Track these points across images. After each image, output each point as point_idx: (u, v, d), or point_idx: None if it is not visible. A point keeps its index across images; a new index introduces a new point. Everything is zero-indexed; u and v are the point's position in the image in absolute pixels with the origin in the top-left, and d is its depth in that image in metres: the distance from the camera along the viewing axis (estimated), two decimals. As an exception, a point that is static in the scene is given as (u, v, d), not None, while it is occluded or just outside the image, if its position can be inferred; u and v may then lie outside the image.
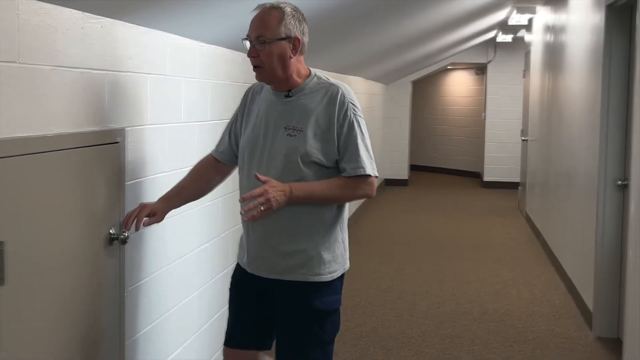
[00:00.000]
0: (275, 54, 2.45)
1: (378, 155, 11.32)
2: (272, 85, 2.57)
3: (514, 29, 10.29)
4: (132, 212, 2.57)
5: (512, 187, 11.54)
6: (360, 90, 8.97)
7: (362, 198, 2.61)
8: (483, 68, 13.27)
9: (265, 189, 2.39)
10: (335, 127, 2.50)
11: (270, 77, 2.50)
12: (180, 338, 3.27)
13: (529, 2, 8.00)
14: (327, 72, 6.48)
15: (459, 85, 14.55)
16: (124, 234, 2.54)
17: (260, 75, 2.52)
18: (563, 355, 4.47)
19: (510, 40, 11.27)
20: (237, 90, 3.67)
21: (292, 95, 2.54)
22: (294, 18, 2.49)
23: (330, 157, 2.51)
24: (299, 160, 2.48)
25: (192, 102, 3.28)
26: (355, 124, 2.52)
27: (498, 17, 8.75)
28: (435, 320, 5.06)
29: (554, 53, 7.28)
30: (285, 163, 2.49)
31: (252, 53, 2.48)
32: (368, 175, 2.54)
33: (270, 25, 2.44)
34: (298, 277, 2.54)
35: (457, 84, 14.60)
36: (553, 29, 7.43)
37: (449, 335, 4.76)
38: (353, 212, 8.87)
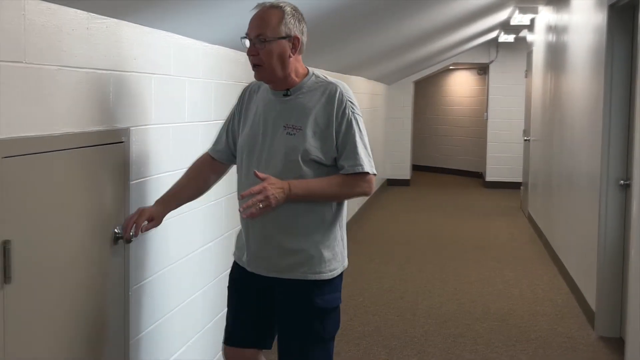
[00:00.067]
0: (275, 53, 2.46)
1: (380, 156, 11.34)
2: (270, 84, 2.57)
3: (516, 29, 10.30)
4: (130, 217, 2.55)
5: (514, 187, 11.54)
6: (362, 91, 8.98)
7: (360, 196, 2.62)
8: (485, 68, 13.27)
9: (264, 187, 2.40)
10: (334, 125, 2.51)
11: (270, 76, 2.51)
12: (184, 337, 3.28)
13: (531, 2, 8.01)
14: (329, 72, 6.49)
15: (461, 86, 14.56)
16: (131, 234, 2.55)
17: (260, 74, 2.53)
18: (565, 355, 4.48)
19: (513, 41, 11.27)
20: (240, 90, 3.67)
21: (290, 94, 2.55)
22: (294, 17, 2.50)
23: (329, 155, 2.52)
24: (299, 159, 2.49)
25: (195, 102, 3.29)
26: (354, 122, 2.53)
27: (500, 17, 8.76)
28: (438, 320, 5.07)
29: (556, 53, 7.29)
30: (285, 162, 2.50)
31: (251, 51, 2.49)
32: (366, 173, 2.55)
33: (271, 24, 2.45)
34: (299, 275, 2.55)
35: (459, 84, 14.61)
36: (555, 29, 7.43)
37: (452, 335, 4.77)
38: (355, 212, 8.88)
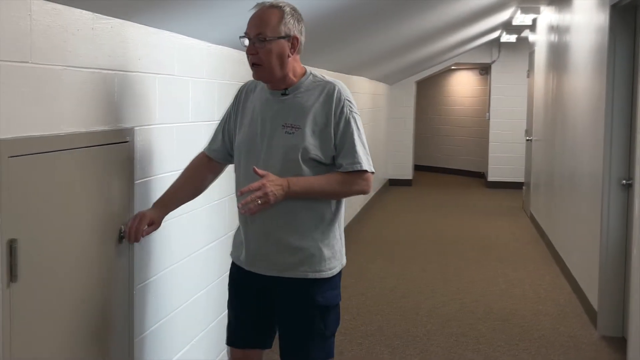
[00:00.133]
0: (275, 52, 2.47)
1: (382, 156, 11.35)
2: (268, 84, 2.58)
3: (518, 29, 10.31)
4: (132, 223, 2.56)
5: (516, 187, 11.55)
6: (364, 91, 8.99)
7: (358, 194, 2.62)
8: (487, 68, 13.27)
9: (263, 183, 2.42)
10: (332, 123, 2.52)
11: (269, 75, 2.52)
12: (188, 336, 3.29)
13: (533, 2, 8.01)
14: (331, 72, 6.50)
15: (463, 86, 14.56)
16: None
17: (258, 74, 2.53)
18: (568, 354, 4.49)
19: (515, 41, 11.28)
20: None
21: (288, 94, 2.56)
22: (293, 17, 2.51)
23: (328, 153, 2.54)
24: (299, 158, 2.50)
25: (199, 101, 3.31)
26: (352, 121, 2.55)
27: (502, 17, 8.77)
28: (441, 319, 5.08)
29: (558, 53, 7.29)
30: (285, 160, 2.51)
31: (250, 50, 2.49)
32: (365, 171, 2.56)
33: (271, 24, 2.46)
34: (299, 274, 2.56)
35: (461, 84, 14.61)
36: (557, 29, 7.44)
37: (454, 334, 4.78)
38: (357, 212, 8.89)
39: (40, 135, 2.07)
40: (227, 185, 3.22)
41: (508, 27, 10.06)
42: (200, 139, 3.29)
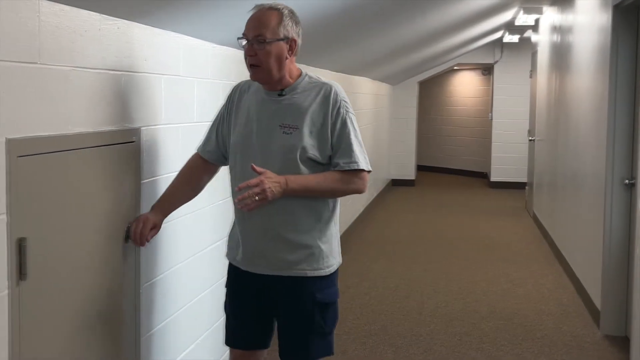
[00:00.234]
0: (274, 54, 2.50)
1: (385, 156, 11.36)
2: (265, 85, 2.60)
3: (521, 30, 10.31)
4: (135, 228, 2.56)
5: (519, 187, 11.56)
6: (367, 91, 9.01)
7: (353, 192, 2.64)
8: (490, 68, 13.29)
9: (261, 180, 2.44)
10: (329, 124, 2.55)
11: (267, 76, 2.54)
12: (194, 335, 3.31)
13: (536, 2, 8.02)
14: (334, 72, 6.52)
15: (466, 86, 14.57)
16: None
17: (256, 75, 2.55)
18: (571, 354, 4.50)
19: (517, 41, 11.29)
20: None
21: (285, 94, 2.58)
22: (292, 20, 2.54)
23: (325, 153, 2.57)
24: (297, 157, 2.53)
25: (204, 102, 3.32)
26: (348, 121, 2.58)
27: (505, 17, 8.78)
28: (444, 319, 5.09)
29: (561, 53, 7.30)
30: (284, 160, 2.53)
31: (249, 52, 2.51)
32: (361, 170, 2.59)
33: (270, 26, 2.48)
34: (298, 272, 2.58)
35: (463, 85, 14.62)
36: (560, 30, 7.45)
37: (458, 334, 4.79)
38: (360, 212, 8.91)
39: (48, 135, 2.09)
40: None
41: (511, 27, 10.07)
42: (206, 139, 3.31)
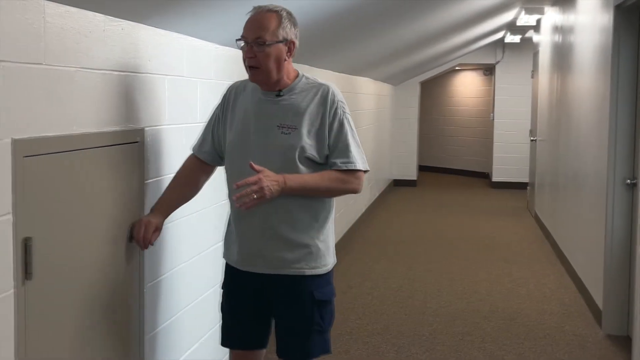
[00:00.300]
0: (273, 56, 2.52)
1: (387, 156, 11.37)
2: (263, 86, 2.61)
3: (522, 30, 10.32)
4: (138, 232, 2.57)
5: (520, 187, 11.57)
6: (369, 92, 9.02)
7: (350, 192, 2.66)
8: (491, 69, 13.29)
9: (260, 178, 2.45)
10: (327, 124, 2.58)
11: (266, 78, 2.55)
12: (197, 334, 3.33)
13: (537, 2, 8.03)
14: (336, 73, 6.54)
15: (468, 86, 14.58)
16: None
17: (255, 76, 2.57)
18: (573, 353, 4.51)
19: (519, 41, 11.29)
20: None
21: (283, 95, 2.60)
22: (290, 22, 2.56)
23: (322, 153, 2.59)
24: (296, 157, 2.54)
25: (207, 102, 3.33)
26: (345, 122, 2.61)
27: (506, 17, 8.79)
28: (446, 319, 5.10)
29: (563, 53, 7.31)
30: (283, 160, 2.55)
31: (249, 54, 2.53)
32: (358, 170, 2.61)
33: (270, 28, 2.50)
34: (296, 271, 2.60)
35: (465, 85, 14.63)
36: (561, 30, 7.46)
37: (460, 333, 4.80)
38: (362, 212, 8.92)
39: (54, 136, 2.10)
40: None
41: (512, 27, 10.08)
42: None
